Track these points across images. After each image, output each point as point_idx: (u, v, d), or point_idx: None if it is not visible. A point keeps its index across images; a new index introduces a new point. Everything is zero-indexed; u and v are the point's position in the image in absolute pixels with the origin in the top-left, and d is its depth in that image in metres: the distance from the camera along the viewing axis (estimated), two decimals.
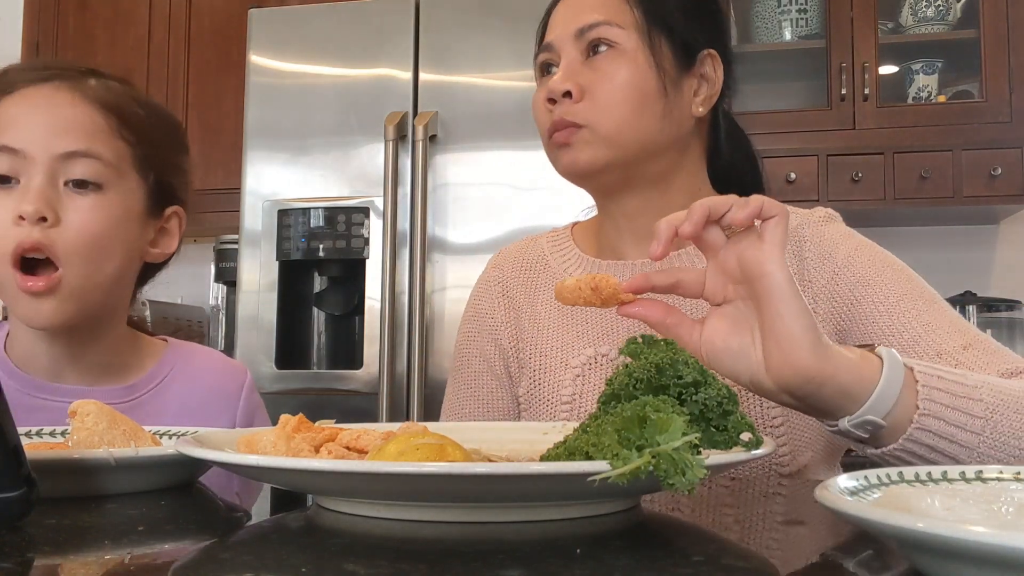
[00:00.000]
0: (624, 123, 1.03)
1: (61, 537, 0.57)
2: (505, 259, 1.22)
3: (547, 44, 1.09)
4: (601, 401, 0.64)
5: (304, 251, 2.49)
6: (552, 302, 1.14)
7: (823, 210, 1.11)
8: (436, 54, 2.48)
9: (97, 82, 1.05)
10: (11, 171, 0.98)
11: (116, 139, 1.02)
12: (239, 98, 2.64)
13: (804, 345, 0.71)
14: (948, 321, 0.98)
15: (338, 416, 0.83)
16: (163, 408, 1.09)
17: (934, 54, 2.78)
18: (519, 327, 1.15)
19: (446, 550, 0.52)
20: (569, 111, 1.03)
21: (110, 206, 1.01)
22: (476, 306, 1.21)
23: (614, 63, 1.03)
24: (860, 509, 0.44)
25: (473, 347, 1.19)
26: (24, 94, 1.01)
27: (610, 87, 1.03)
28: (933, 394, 0.76)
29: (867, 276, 1.02)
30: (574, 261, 1.16)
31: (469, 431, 0.82)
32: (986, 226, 2.96)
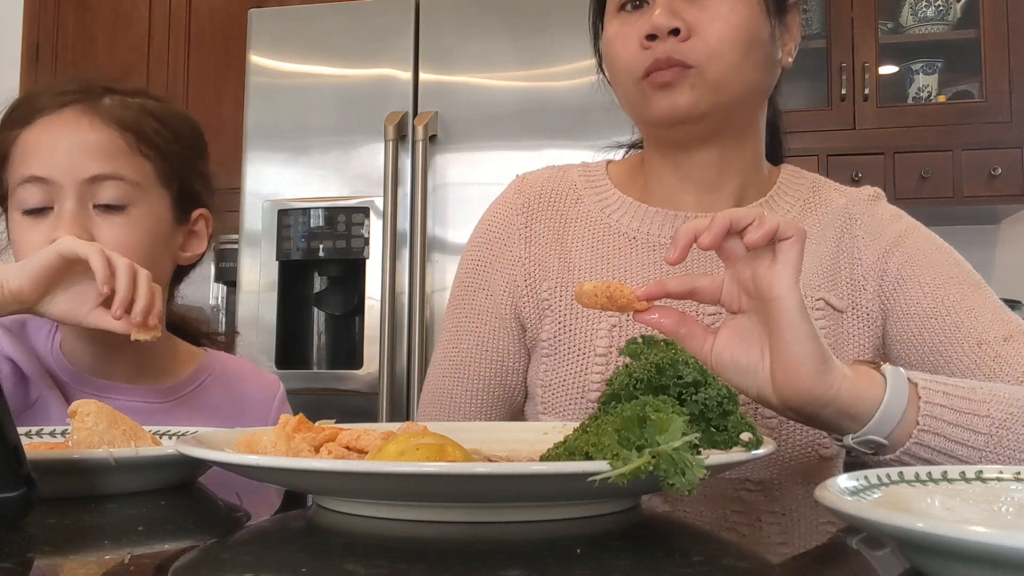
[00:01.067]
0: (733, 68, 0.96)
1: (61, 537, 0.57)
2: (531, 186, 1.11)
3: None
4: (601, 401, 0.64)
5: (304, 251, 2.49)
6: (585, 241, 1.05)
7: (870, 188, 1.10)
8: (436, 54, 2.48)
9: (113, 101, 1.08)
10: (44, 201, 1.03)
11: (137, 157, 1.06)
12: (239, 98, 2.64)
13: (808, 369, 0.72)
14: (992, 309, 0.98)
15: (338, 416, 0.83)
16: (199, 411, 1.13)
17: (934, 54, 2.79)
18: (542, 265, 1.06)
19: (446, 550, 0.52)
20: (677, 49, 0.94)
21: (139, 223, 1.05)
22: (490, 232, 1.11)
23: (725, 3, 0.96)
24: (860, 509, 0.44)
25: (480, 278, 1.09)
26: (45, 123, 1.05)
27: (722, 27, 0.95)
28: (935, 410, 0.77)
29: (915, 256, 1.02)
30: (614, 202, 1.07)
31: (469, 431, 0.82)
32: (986, 226, 2.96)
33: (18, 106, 1.09)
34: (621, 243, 1.04)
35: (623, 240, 1.04)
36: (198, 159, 1.16)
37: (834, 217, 1.06)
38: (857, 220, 1.06)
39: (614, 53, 1.00)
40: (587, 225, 1.06)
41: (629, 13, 1.00)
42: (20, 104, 1.09)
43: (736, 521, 0.66)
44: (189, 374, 1.16)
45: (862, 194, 1.08)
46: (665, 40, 0.95)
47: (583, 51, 2.46)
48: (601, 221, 1.06)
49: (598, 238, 1.05)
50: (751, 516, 0.69)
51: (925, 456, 0.77)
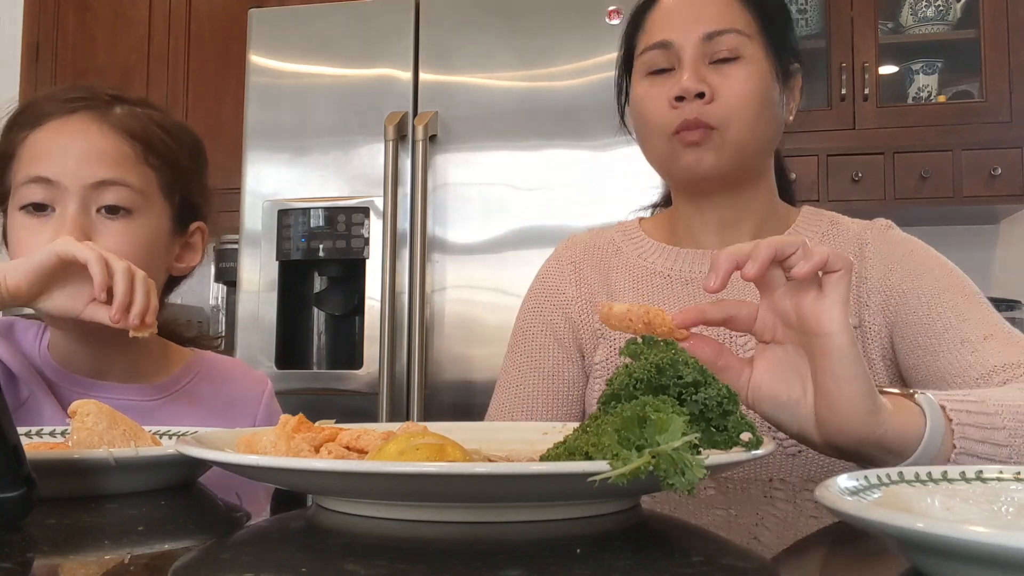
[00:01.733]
0: (749, 130, 1.08)
1: (61, 537, 0.57)
2: (575, 243, 1.24)
3: (664, 43, 1.09)
4: (601, 401, 0.64)
5: (304, 251, 2.49)
6: (626, 283, 1.17)
7: (884, 220, 1.19)
8: (436, 54, 2.48)
9: (122, 110, 1.10)
10: (46, 200, 1.04)
11: (143, 166, 1.08)
12: (239, 98, 2.64)
13: (860, 411, 0.71)
14: (980, 315, 1.04)
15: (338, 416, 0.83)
16: (188, 409, 1.14)
17: (934, 54, 2.79)
18: (592, 302, 1.17)
19: (446, 550, 0.52)
20: (703, 112, 1.06)
21: (140, 230, 1.07)
22: (544, 283, 1.22)
23: (744, 71, 1.08)
24: (860, 509, 0.44)
25: (539, 320, 1.19)
26: (54, 126, 1.07)
27: (741, 91, 1.07)
28: (966, 431, 0.77)
29: (916, 270, 1.09)
30: (648, 248, 1.19)
31: (469, 431, 0.82)
32: (986, 226, 2.96)
33: (26, 109, 1.10)
34: (658, 281, 1.16)
35: (659, 279, 1.16)
36: (200, 172, 1.18)
37: (849, 243, 1.15)
38: (869, 244, 1.13)
39: (645, 111, 1.11)
40: (627, 269, 1.18)
41: (658, 76, 1.11)
42: (28, 107, 1.10)
43: (736, 521, 0.66)
44: (177, 372, 1.17)
45: (876, 224, 1.17)
46: (692, 102, 1.06)
47: (583, 51, 2.47)
48: (639, 265, 1.18)
49: (637, 278, 1.17)
50: (751, 516, 0.69)
51: None
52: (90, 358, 1.11)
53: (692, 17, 1.09)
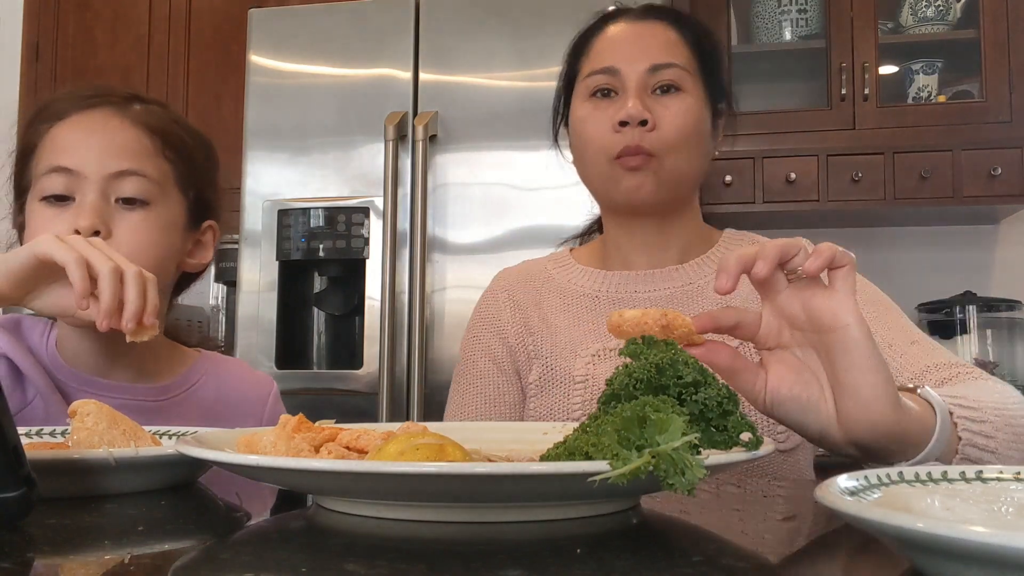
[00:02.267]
0: (685, 159, 1.13)
1: (61, 537, 0.57)
2: (509, 274, 1.30)
3: (611, 68, 1.14)
4: (601, 401, 0.64)
5: (304, 251, 2.49)
6: (558, 307, 1.22)
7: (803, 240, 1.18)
8: (436, 54, 2.48)
9: (141, 107, 1.13)
10: (67, 190, 1.06)
11: (160, 159, 1.11)
12: (239, 98, 2.64)
13: (883, 402, 0.70)
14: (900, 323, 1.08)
15: (338, 416, 0.83)
16: (193, 409, 1.15)
17: (934, 54, 2.78)
18: (527, 325, 1.22)
19: (446, 550, 0.52)
20: (646, 139, 1.11)
21: (156, 220, 1.09)
22: (482, 312, 1.28)
23: (683, 103, 1.13)
24: (860, 509, 0.44)
25: (479, 347, 1.25)
26: (76, 120, 1.09)
27: (681, 124, 1.12)
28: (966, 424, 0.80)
29: None
30: (578, 273, 1.24)
31: (469, 431, 0.82)
32: (986, 226, 2.96)
33: (47, 106, 1.12)
34: (587, 302, 1.21)
35: (588, 300, 1.21)
36: (213, 171, 1.21)
37: None
38: None
39: (587, 133, 1.16)
40: (559, 293, 1.23)
41: (600, 99, 1.16)
42: (49, 104, 1.13)
43: (736, 521, 0.66)
44: (183, 373, 1.18)
45: None
46: (635, 128, 1.11)
47: None
48: (569, 289, 1.23)
49: (567, 301, 1.22)
50: (751, 516, 0.69)
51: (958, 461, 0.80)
52: (97, 356, 1.11)
53: (639, 49, 1.15)
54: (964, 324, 2.70)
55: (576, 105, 1.19)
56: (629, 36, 1.17)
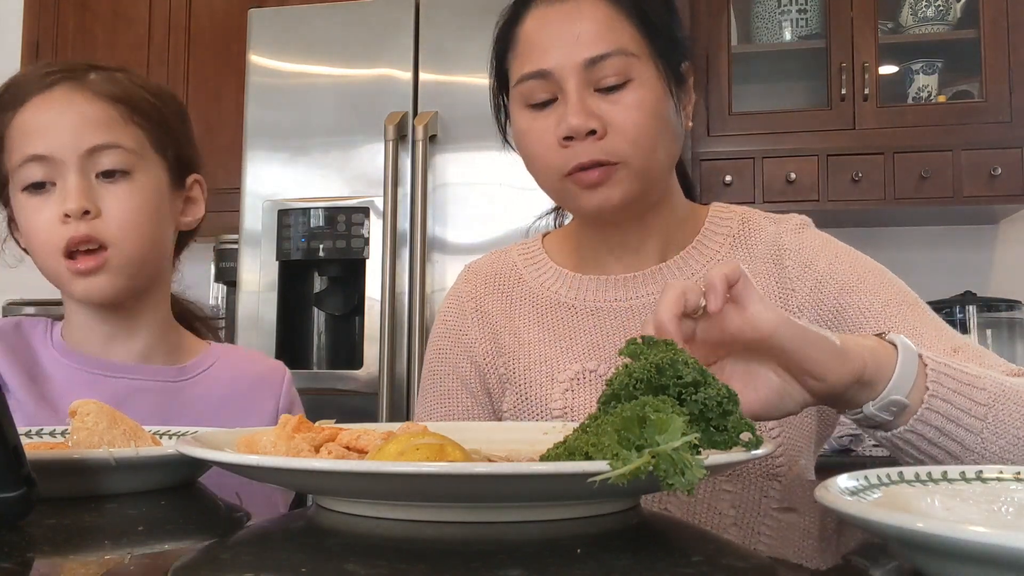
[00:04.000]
0: (652, 152, 0.99)
1: (61, 537, 0.57)
2: (476, 274, 1.18)
3: (542, 72, 0.99)
4: (601, 401, 0.64)
5: (304, 251, 2.49)
6: (531, 317, 1.11)
7: (797, 217, 1.11)
8: (436, 54, 2.48)
9: (99, 75, 1.10)
10: (46, 176, 1.05)
11: (132, 126, 1.09)
12: (239, 98, 2.64)
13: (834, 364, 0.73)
14: (934, 326, 0.99)
15: (338, 416, 0.83)
16: (210, 391, 1.16)
17: (934, 54, 2.78)
18: (497, 343, 1.12)
19: (446, 550, 0.52)
20: (600, 149, 0.97)
21: (141, 189, 1.08)
22: (447, 322, 1.17)
23: (635, 95, 0.98)
24: (860, 509, 0.44)
25: (446, 365, 1.16)
26: (37, 103, 1.07)
27: (638, 119, 0.97)
28: (941, 378, 0.78)
29: (850, 283, 1.02)
30: (551, 275, 1.13)
31: (469, 431, 0.82)
32: (986, 226, 2.96)
33: (4, 92, 1.10)
34: (561, 312, 1.11)
35: (563, 309, 1.10)
36: (186, 127, 1.19)
37: (765, 248, 1.08)
38: (787, 250, 1.06)
39: (531, 150, 1.03)
40: (531, 301, 1.13)
41: (540, 109, 1.01)
42: (7, 89, 1.10)
43: (736, 521, 0.66)
44: (198, 358, 1.19)
45: (790, 223, 1.10)
46: (583, 140, 0.97)
47: None
48: (542, 295, 1.13)
49: (541, 311, 1.12)
50: (751, 516, 0.69)
51: (936, 424, 0.78)
52: (105, 335, 1.12)
53: (569, 39, 0.98)
54: (964, 324, 2.70)
55: (514, 114, 1.05)
56: (554, 23, 0.99)
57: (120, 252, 1.05)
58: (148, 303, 1.14)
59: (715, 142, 2.75)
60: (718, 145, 2.75)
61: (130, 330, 1.13)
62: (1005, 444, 0.80)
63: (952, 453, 0.79)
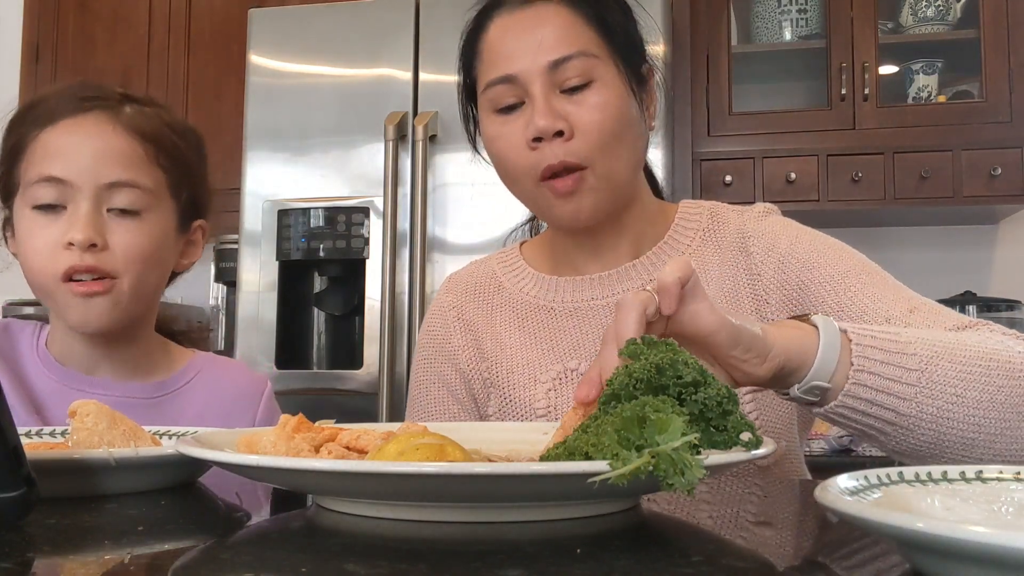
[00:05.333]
0: (618, 157, 1.02)
1: (61, 537, 0.57)
2: (456, 284, 1.21)
3: (508, 77, 1.02)
4: (601, 401, 0.64)
5: (304, 251, 2.49)
6: (512, 322, 1.14)
7: (762, 205, 1.14)
8: (436, 54, 2.48)
9: (133, 109, 1.11)
10: (59, 199, 1.05)
11: (154, 167, 1.09)
12: (239, 98, 2.64)
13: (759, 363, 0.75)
14: (892, 290, 1.01)
15: (338, 416, 0.83)
16: (187, 407, 1.15)
17: (934, 54, 2.78)
18: (480, 349, 1.14)
19: (446, 550, 0.52)
20: (568, 151, 0.99)
21: (150, 229, 1.08)
22: (431, 332, 1.19)
23: (598, 95, 1.00)
24: (860, 509, 0.44)
25: (432, 373, 1.18)
26: (66, 125, 1.07)
27: (600, 119, 1.00)
28: (866, 351, 0.79)
29: (811, 259, 1.05)
30: (529, 280, 1.16)
31: (469, 431, 0.82)
32: (986, 226, 2.96)
33: (36, 105, 1.10)
34: (541, 315, 1.13)
35: (542, 312, 1.13)
36: (204, 170, 1.20)
37: (732, 239, 1.11)
38: (751, 237, 1.09)
39: (501, 154, 1.05)
40: (510, 306, 1.15)
41: (508, 114, 1.03)
42: (39, 103, 1.10)
43: (736, 521, 0.66)
44: (179, 371, 1.19)
45: (753, 211, 1.13)
46: (551, 141, 0.99)
47: None
48: (521, 300, 1.15)
49: (521, 315, 1.14)
50: (751, 516, 0.69)
51: (864, 396, 0.78)
52: (87, 354, 1.12)
53: (532, 44, 1.01)
54: None
55: (483, 121, 1.07)
56: (517, 30, 1.03)
57: (123, 285, 1.06)
58: (132, 331, 1.13)
59: (715, 142, 2.75)
60: (718, 145, 2.75)
61: (111, 353, 1.13)
62: (943, 404, 0.80)
63: (888, 420, 0.80)
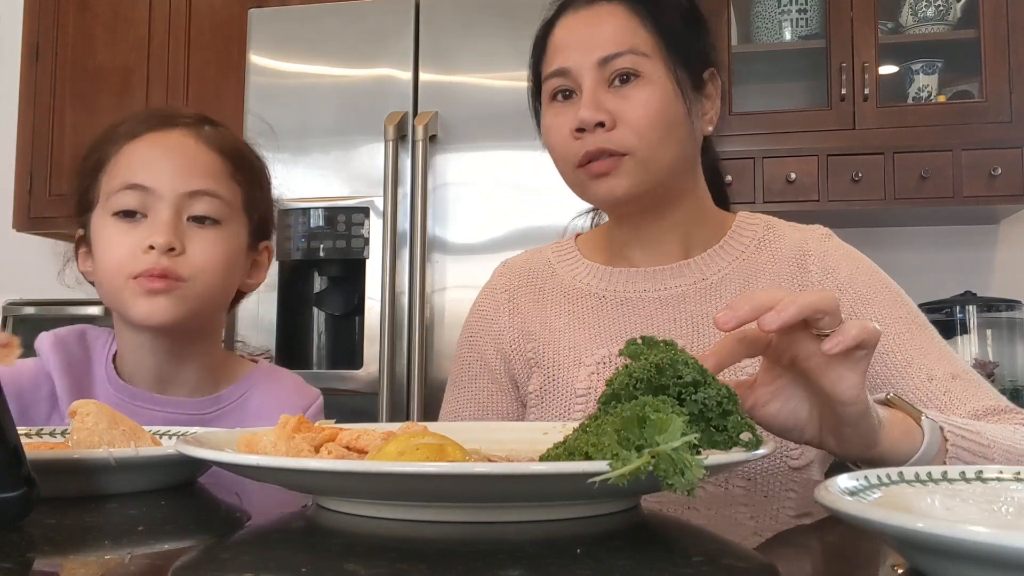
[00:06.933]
0: (659, 148, 1.06)
1: (61, 537, 0.57)
2: (511, 269, 1.25)
3: (562, 70, 1.09)
4: (601, 401, 0.64)
5: (304, 251, 2.49)
6: (562, 306, 1.17)
7: (822, 228, 1.17)
8: (436, 54, 2.48)
9: (212, 129, 1.17)
10: (140, 207, 1.08)
11: (232, 181, 1.14)
12: (239, 98, 2.64)
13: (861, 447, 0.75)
14: (938, 348, 1.04)
15: (338, 416, 0.83)
16: (241, 420, 1.16)
17: (934, 54, 2.78)
18: (526, 331, 1.18)
19: (446, 550, 0.52)
20: (607, 139, 1.05)
21: (226, 239, 1.12)
22: (479, 312, 1.23)
23: (643, 91, 1.06)
24: (860, 509, 0.44)
25: (474, 352, 1.21)
26: (151, 139, 1.12)
27: (643, 113, 1.05)
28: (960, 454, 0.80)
29: (867, 295, 1.08)
30: (583, 268, 1.20)
31: (469, 431, 0.82)
32: (986, 226, 2.96)
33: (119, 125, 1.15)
34: (592, 302, 1.16)
35: (594, 300, 1.17)
36: (269, 193, 1.24)
37: (789, 251, 1.13)
38: (811, 255, 1.12)
39: (551, 143, 1.12)
40: (562, 292, 1.19)
41: (560, 104, 1.10)
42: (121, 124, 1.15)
43: (736, 521, 0.66)
44: (234, 386, 1.20)
45: (816, 231, 1.16)
46: (593, 132, 1.06)
47: None
48: (574, 287, 1.19)
49: (572, 301, 1.18)
50: (751, 516, 0.69)
51: None
52: (156, 370, 1.14)
53: (587, 42, 1.08)
54: (964, 324, 2.70)
55: (543, 111, 1.14)
56: (577, 29, 1.10)
57: (193, 287, 1.08)
58: (197, 346, 1.16)
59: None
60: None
61: (176, 370, 1.15)
62: None
63: None
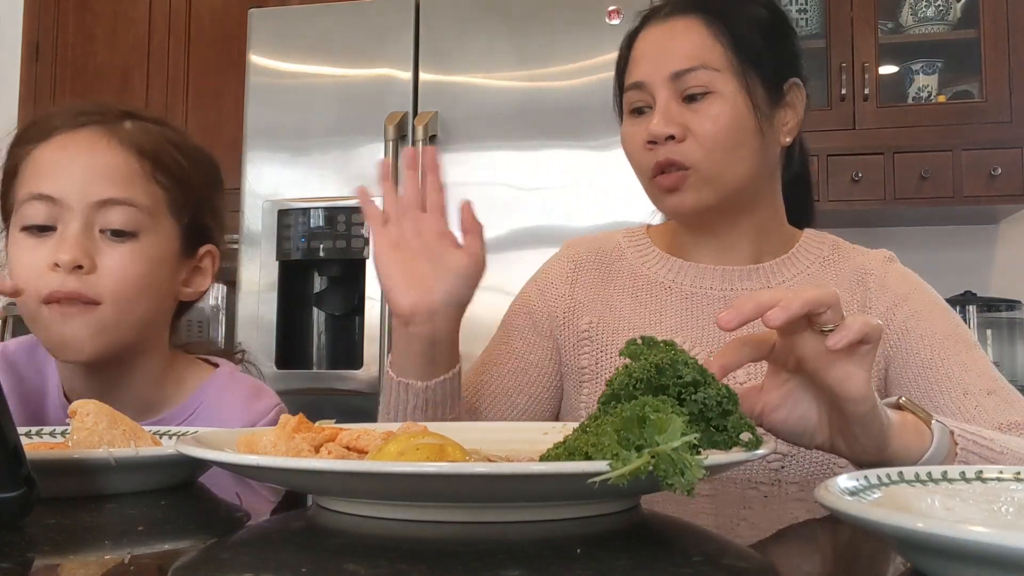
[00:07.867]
0: (726, 164, 1.07)
1: (61, 537, 0.57)
2: (581, 243, 1.25)
3: (638, 84, 1.11)
4: (601, 401, 0.64)
5: (304, 251, 2.49)
6: (626, 289, 1.18)
7: (886, 251, 1.19)
8: (436, 54, 2.48)
9: (133, 125, 1.05)
10: (49, 219, 0.99)
11: (151, 184, 1.03)
12: (239, 98, 2.64)
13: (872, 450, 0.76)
14: (981, 367, 1.05)
15: (338, 416, 0.83)
16: None
17: (934, 54, 2.78)
18: (584, 303, 1.17)
19: (446, 550, 0.52)
20: (675, 151, 1.07)
21: (145, 252, 1.02)
22: (541, 277, 1.23)
23: (714, 106, 1.07)
24: (860, 509, 0.44)
25: (522, 304, 1.21)
26: (60, 141, 1.02)
27: (712, 129, 1.06)
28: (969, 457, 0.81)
29: (920, 310, 1.10)
30: (653, 256, 1.20)
31: (469, 431, 0.82)
32: (986, 226, 2.96)
33: (34, 123, 1.06)
34: (657, 291, 1.17)
35: (659, 288, 1.17)
36: (213, 194, 1.13)
37: (851, 272, 1.15)
38: (872, 275, 1.14)
39: (628, 152, 1.14)
40: (628, 275, 1.19)
41: (638, 116, 1.12)
42: (37, 121, 1.06)
43: (736, 521, 0.66)
44: (183, 404, 1.10)
45: (879, 254, 1.18)
46: (664, 144, 1.07)
47: (583, 51, 2.46)
48: (641, 272, 1.19)
49: (638, 286, 1.18)
50: (752, 516, 0.69)
51: None
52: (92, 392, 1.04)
53: (663, 56, 1.10)
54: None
55: (623, 121, 1.16)
56: (654, 42, 1.12)
57: (110, 312, 0.99)
58: (133, 366, 1.07)
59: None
60: None
61: (112, 390, 1.04)
62: None
63: None
